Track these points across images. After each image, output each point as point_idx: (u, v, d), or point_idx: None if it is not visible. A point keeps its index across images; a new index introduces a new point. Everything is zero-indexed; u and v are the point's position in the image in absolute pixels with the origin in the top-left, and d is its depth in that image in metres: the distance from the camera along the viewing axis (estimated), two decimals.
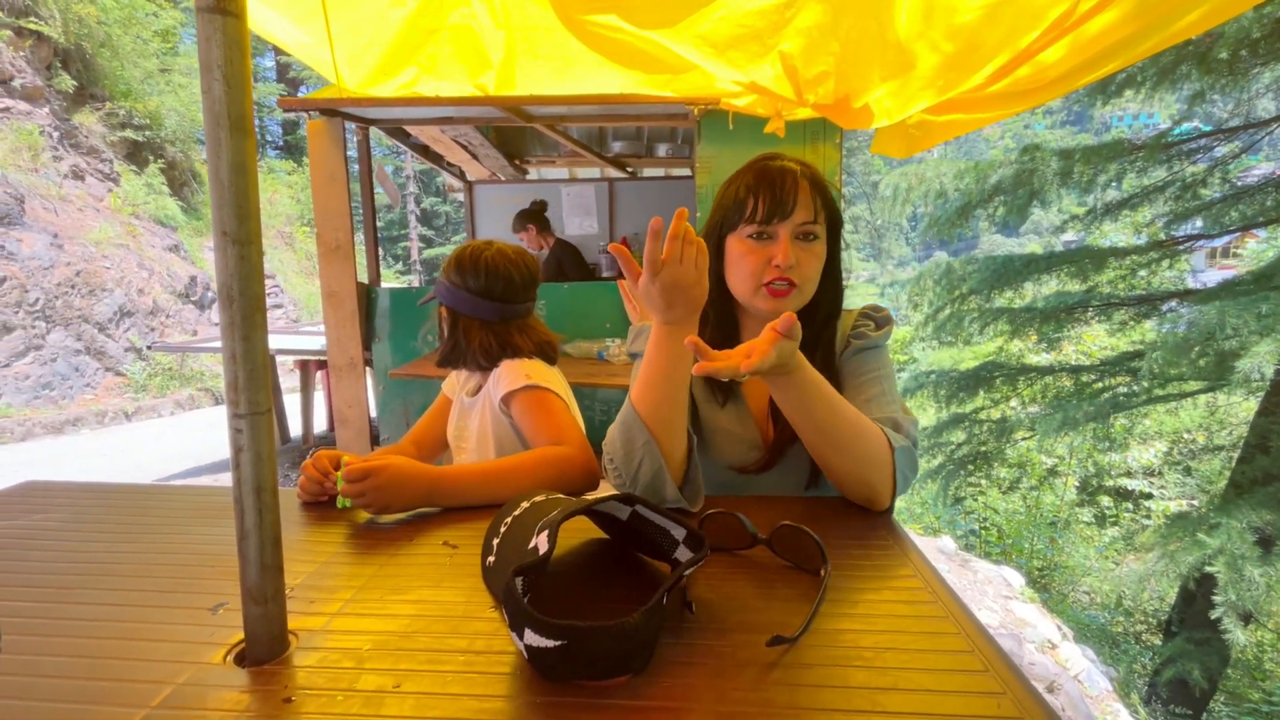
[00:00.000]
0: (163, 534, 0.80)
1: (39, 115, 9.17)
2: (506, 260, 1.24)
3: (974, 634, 0.56)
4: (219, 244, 0.47)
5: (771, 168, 0.89)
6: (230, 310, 0.48)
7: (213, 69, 0.45)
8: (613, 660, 0.49)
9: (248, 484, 0.50)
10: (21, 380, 7.04)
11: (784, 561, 0.69)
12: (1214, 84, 4.26)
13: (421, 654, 0.53)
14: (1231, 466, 4.75)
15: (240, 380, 0.49)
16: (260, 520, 0.51)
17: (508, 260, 1.24)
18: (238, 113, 0.46)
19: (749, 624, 0.57)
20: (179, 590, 0.65)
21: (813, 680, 0.50)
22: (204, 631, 0.57)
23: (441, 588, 0.65)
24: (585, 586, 0.66)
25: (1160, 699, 4.16)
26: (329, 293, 2.25)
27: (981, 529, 6.91)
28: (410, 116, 2.44)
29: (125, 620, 0.60)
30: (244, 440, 0.49)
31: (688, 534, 0.63)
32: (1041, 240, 16.20)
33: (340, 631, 0.57)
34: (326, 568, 0.70)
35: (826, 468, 0.84)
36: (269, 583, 0.52)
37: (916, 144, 2.22)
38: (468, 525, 0.81)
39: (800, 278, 0.88)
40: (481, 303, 1.23)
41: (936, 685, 0.49)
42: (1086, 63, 1.63)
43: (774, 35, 1.78)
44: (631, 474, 0.81)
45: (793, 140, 2.40)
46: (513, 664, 0.52)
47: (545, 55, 2.04)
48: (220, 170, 0.46)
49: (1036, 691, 0.49)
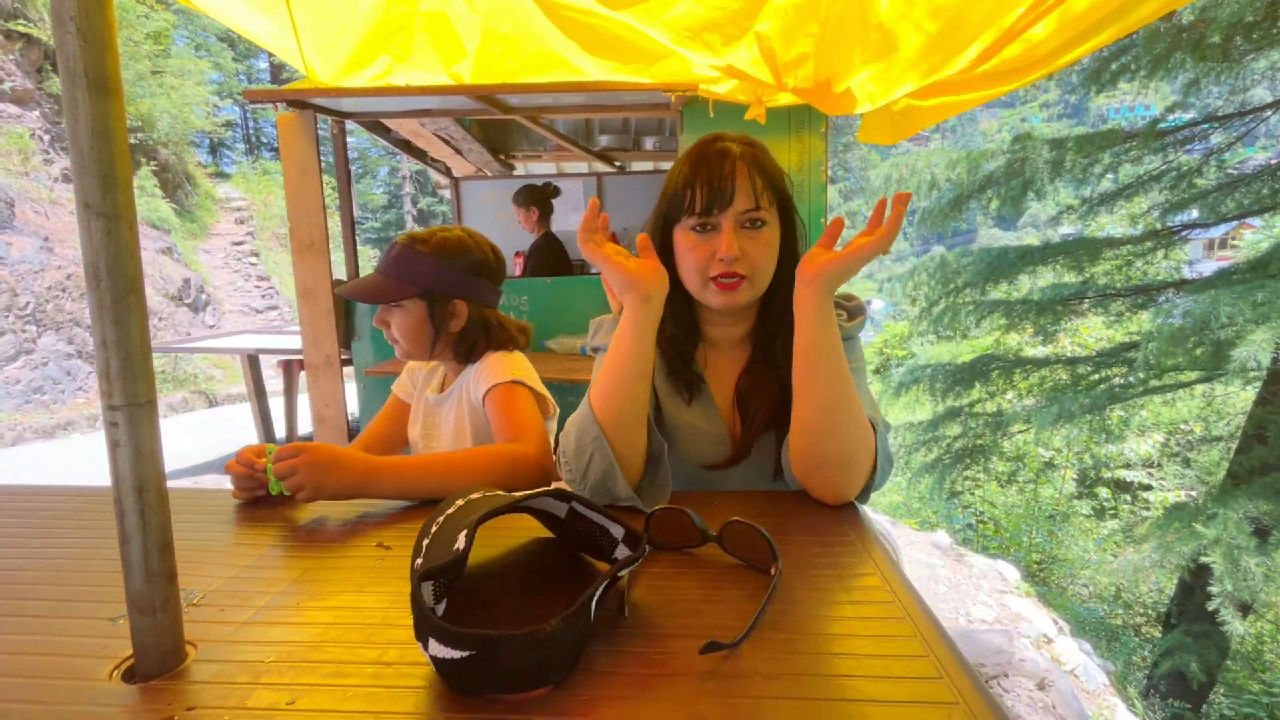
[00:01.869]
0: (78, 538, 0.75)
1: (29, 118, 9.13)
2: (485, 240, 1.21)
3: (932, 638, 0.51)
4: (81, 218, 0.42)
5: (709, 152, 0.84)
6: (98, 291, 0.43)
7: (65, 20, 0.40)
8: (529, 672, 0.45)
9: (126, 483, 0.46)
10: (12, 385, 6.99)
11: (735, 560, 0.64)
12: (1208, 71, 4.22)
13: (326, 666, 0.49)
14: (1230, 457, 4.71)
15: (113, 369, 0.44)
16: (144, 523, 0.46)
17: (486, 241, 1.21)
18: (98, 71, 0.41)
19: (688, 628, 0.53)
20: (81, 599, 0.60)
21: (752, 692, 0.45)
22: (97, 644, 0.53)
23: (365, 593, 0.60)
24: (520, 590, 0.61)
25: (1159, 692, 4.12)
26: (304, 290, 2.20)
27: (978, 523, 6.87)
28: (386, 109, 2.39)
29: (14, 633, 0.55)
30: (120, 435, 0.45)
31: (626, 532, 0.59)
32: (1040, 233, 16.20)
33: (244, 642, 0.52)
34: (247, 572, 0.65)
35: (816, 437, 0.77)
36: (156, 591, 0.47)
37: (904, 129, 2.17)
38: (406, 525, 0.77)
39: (749, 268, 0.84)
40: (480, 282, 1.18)
41: (885, 695, 0.45)
42: (1077, 36, 1.57)
43: (750, 16, 1.74)
44: (581, 470, 0.77)
45: (776, 129, 2.36)
46: (425, 676, 0.47)
47: (520, 43, 1.99)
48: (79, 135, 0.41)
49: (993, 699, 0.45)
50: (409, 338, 1.18)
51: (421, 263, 1.13)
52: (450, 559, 0.49)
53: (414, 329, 1.16)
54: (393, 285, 1.13)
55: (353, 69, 2.11)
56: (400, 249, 1.14)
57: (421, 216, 20.27)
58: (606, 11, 1.80)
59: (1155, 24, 3.98)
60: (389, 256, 1.15)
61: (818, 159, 2.38)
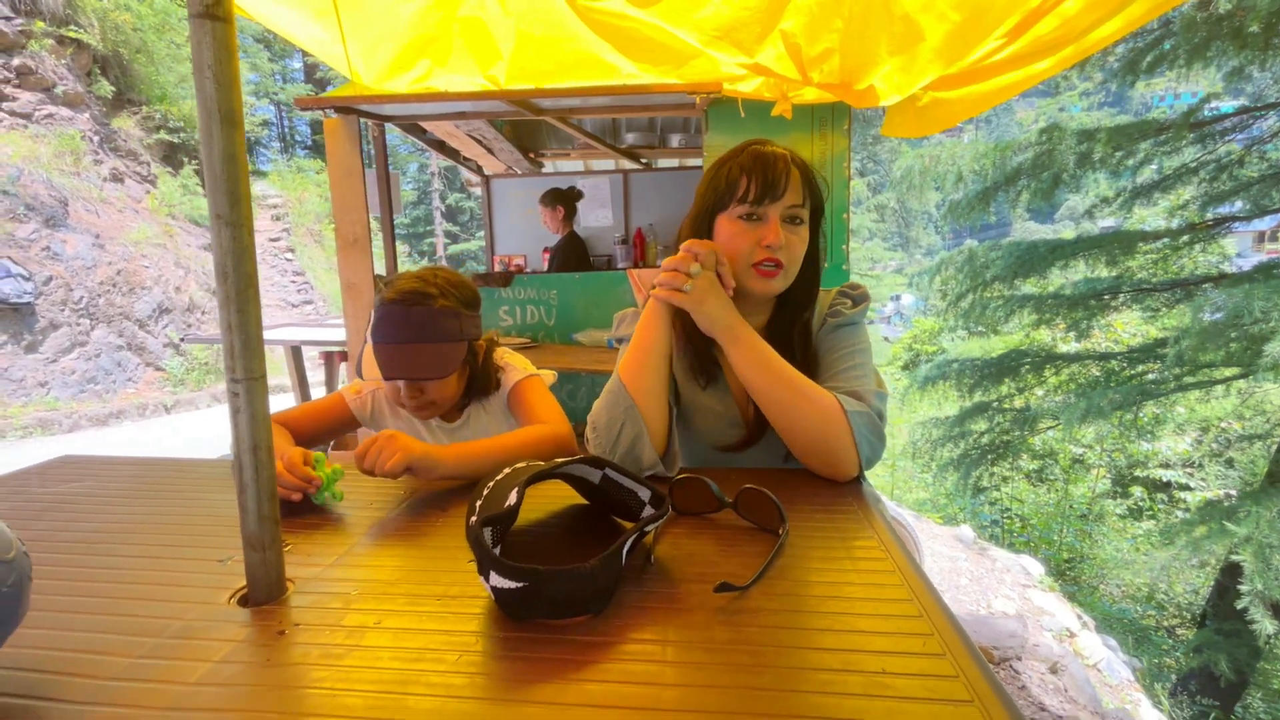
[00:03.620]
0: (178, 499, 0.87)
1: (80, 120, 9.53)
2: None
3: (917, 587, 0.59)
4: (214, 226, 0.52)
5: (764, 152, 0.93)
6: (226, 285, 0.53)
7: (204, 69, 0.50)
8: (571, 601, 0.54)
9: (244, 442, 0.56)
10: (68, 375, 7.37)
11: (747, 523, 0.73)
12: (1251, 59, 4.11)
13: (402, 597, 0.59)
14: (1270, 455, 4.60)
15: (236, 348, 0.54)
16: (257, 475, 0.57)
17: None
18: (227, 107, 0.51)
19: (705, 576, 0.61)
20: (191, 546, 0.71)
21: (757, 623, 0.54)
22: (212, 579, 0.63)
23: (426, 547, 0.70)
24: (557, 542, 0.70)
25: (1188, 691, 4.08)
26: (348, 284, 2.34)
27: (1005, 519, 6.80)
28: (424, 112, 2.50)
29: (144, 570, 0.66)
30: (240, 403, 0.55)
31: (652, 495, 0.67)
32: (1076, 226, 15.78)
33: (332, 579, 0.63)
34: (328, 527, 0.76)
35: (788, 432, 0.87)
36: (266, 532, 0.58)
37: (930, 124, 2.18)
38: (456, 494, 0.87)
39: (788, 259, 0.92)
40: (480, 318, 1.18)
41: (872, 628, 0.53)
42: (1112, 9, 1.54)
43: (775, 14, 1.79)
44: (612, 439, 0.86)
45: (801, 127, 2.41)
46: (483, 606, 0.57)
47: (554, 45, 2.07)
48: (213, 160, 0.51)
49: (953, 616, 0.52)
50: (449, 397, 1.14)
51: (458, 318, 1.10)
52: (505, 510, 0.58)
53: (453, 387, 1.14)
54: (447, 351, 1.08)
55: (394, 73, 2.23)
56: (437, 311, 1.08)
57: (450, 212, 20.60)
58: (636, 13, 1.87)
59: (1192, 13, 3.90)
60: (426, 321, 1.07)
61: (840, 156, 2.43)
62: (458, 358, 1.09)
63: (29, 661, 0.50)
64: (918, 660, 0.48)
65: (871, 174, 30.63)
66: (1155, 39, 4.32)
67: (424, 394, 1.12)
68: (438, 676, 0.47)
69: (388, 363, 1.05)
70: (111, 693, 0.46)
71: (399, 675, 0.47)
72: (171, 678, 0.48)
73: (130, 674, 0.48)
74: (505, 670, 0.48)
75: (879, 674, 0.46)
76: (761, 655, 0.49)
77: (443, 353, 1.07)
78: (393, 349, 1.06)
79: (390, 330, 1.07)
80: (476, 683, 0.46)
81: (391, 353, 1.06)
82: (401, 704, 0.44)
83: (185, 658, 0.50)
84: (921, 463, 6.41)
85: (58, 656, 0.51)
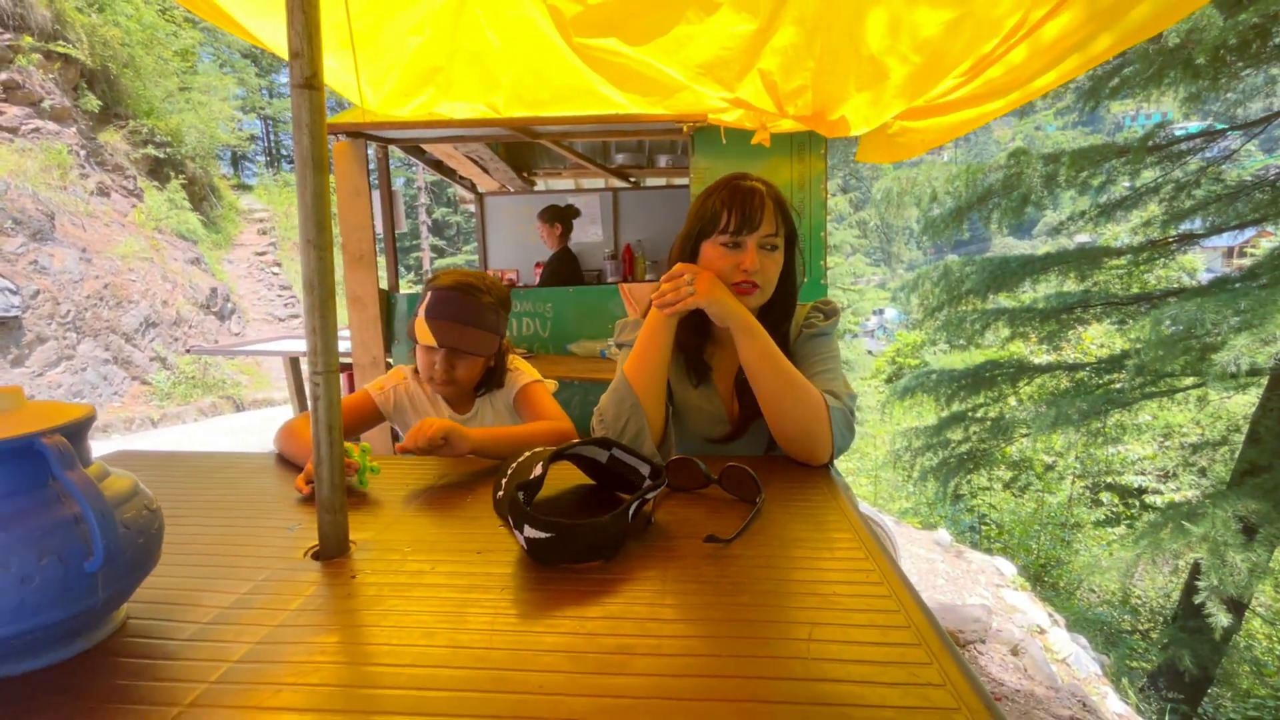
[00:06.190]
0: (236, 484, 0.99)
1: (67, 134, 9.54)
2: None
3: (869, 543, 0.73)
4: (304, 249, 0.66)
5: (742, 187, 1.07)
6: (311, 295, 0.67)
7: (301, 127, 0.64)
8: (589, 549, 0.67)
9: (322, 423, 0.69)
10: (54, 389, 7.34)
11: (731, 496, 0.86)
12: (1202, 88, 4.39)
13: (448, 551, 0.72)
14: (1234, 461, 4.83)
15: (319, 347, 0.67)
16: (330, 450, 0.69)
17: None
18: (318, 157, 0.65)
19: (696, 533, 0.75)
20: (260, 518, 0.84)
21: (737, 565, 0.67)
22: (284, 542, 0.76)
23: (460, 516, 0.83)
24: (572, 507, 0.84)
25: (1156, 687, 4.25)
26: (353, 298, 2.46)
27: (983, 525, 6.99)
28: (426, 136, 2.64)
29: (226, 536, 0.78)
30: (320, 390, 0.68)
31: (652, 469, 0.81)
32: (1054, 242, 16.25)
33: (387, 539, 0.75)
34: (369, 504, 0.88)
35: (777, 418, 1.01)
36: (336, 498, 0.70)
37: (900, 151, 2.38)
38: (480, 479, 1.00)
39: (763, 280, 1.07)
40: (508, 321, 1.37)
41: (829, 565, 0.67)
42: (1050, 63, 1.76)
43: (753, 56, 1.97)
44: (618, 430, 1.00)
45: (780, 151, 2.58)
46: (514, 556, 0.70)
47: (551, 78, 2.23)
48: (306, 197, 0.65)
49: (895, 562, 0.66)
50: (471, 380, 1.33)
51: (496, 314, 1.31)
52: (534, 479, 0.72)
53: (477, 370, 1.33)
54: (488, 338, 1.30)
55: (401, 99, 2.37)
56: (483, 304, 1.29)
57: (436, 226, 20.68)
58: (628, 50, 2.03)
59: (1144, 45, 4.17)
60: (475, 309, 1.28)
61: (817, 179, 2.60)
62: (493, 345, 1.30)
63: (160, 596, 0.62)
64: (861, 586, 0.62)
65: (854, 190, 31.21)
66: (1116, 66, 4.59)
67: (454, 369, 1.29)
68: (489, 603, 0.60)
69: (441, 334, 1.25)
70: (230, 615, 0.59)
71: (457, 602, 0.60)
72: (274, 606, 0.60)
73: (240, 604, 0.61)
74: (539, 599, 0.61)
75: (831, 595, 0.60)
76: (740, 585, 0.63)
77: (484, 338, 1.28)
78: (448, 325, 1.26)
79: (447, 309, 1.27)
80: (518, 607, 0.60)
81: (447, 328, 1.26)
82: (463, 620, 0.57)
83: (281, 593, 0.63)
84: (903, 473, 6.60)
85: (179, 594, 0.63)
